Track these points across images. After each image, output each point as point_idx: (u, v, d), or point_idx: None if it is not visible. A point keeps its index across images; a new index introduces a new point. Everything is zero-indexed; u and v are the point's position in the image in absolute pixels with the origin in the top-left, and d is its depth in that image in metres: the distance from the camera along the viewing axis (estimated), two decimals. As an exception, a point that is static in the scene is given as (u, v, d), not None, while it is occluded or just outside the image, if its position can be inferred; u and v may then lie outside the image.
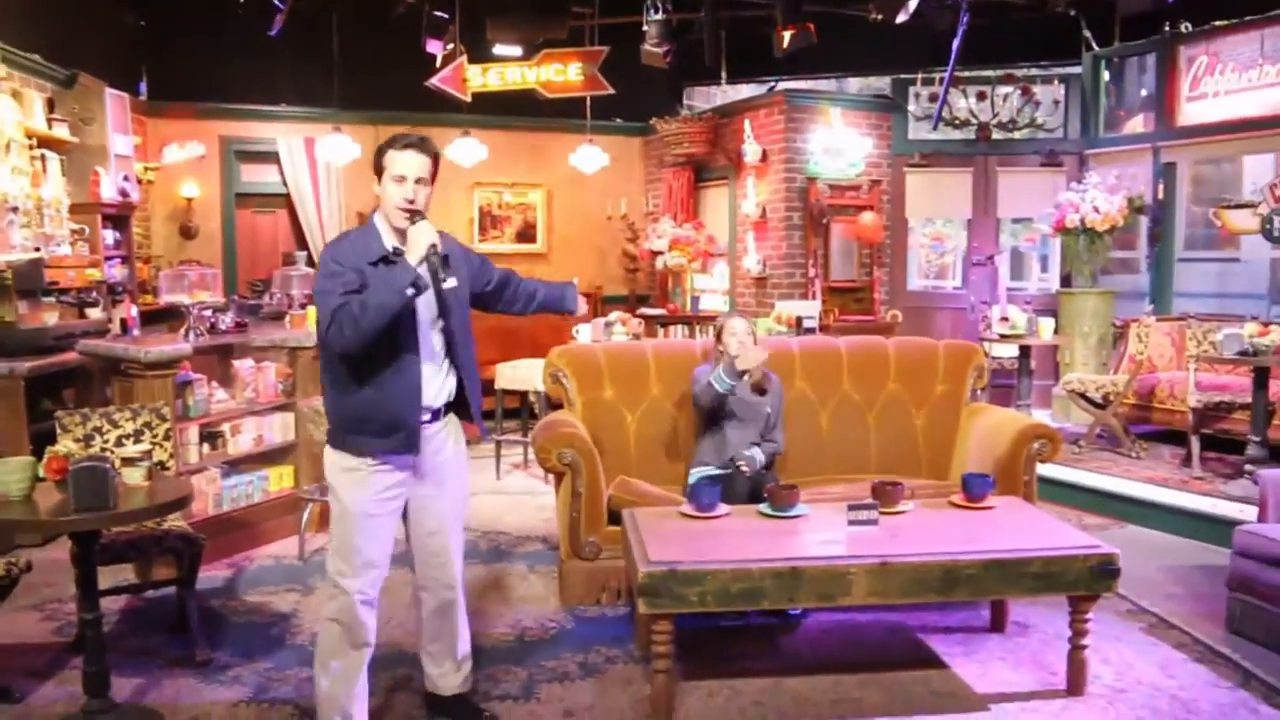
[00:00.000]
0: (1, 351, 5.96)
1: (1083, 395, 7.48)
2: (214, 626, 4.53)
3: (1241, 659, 4.05)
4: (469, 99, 8.74)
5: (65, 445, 3.60)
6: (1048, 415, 8.83)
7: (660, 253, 10.10)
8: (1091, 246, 8.30)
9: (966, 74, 9.04)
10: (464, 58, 8.38)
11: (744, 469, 4.57)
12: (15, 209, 6.48)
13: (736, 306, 9.87)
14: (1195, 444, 6.64)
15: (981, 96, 9.09)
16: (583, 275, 11.44)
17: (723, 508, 4.15)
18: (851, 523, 3.87)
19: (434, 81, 8.44)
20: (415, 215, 3.21)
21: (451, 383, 3.44)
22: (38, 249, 6.64)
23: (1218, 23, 8.08)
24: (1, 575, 3.74)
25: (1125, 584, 4.92)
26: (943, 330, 9.63)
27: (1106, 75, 8.98)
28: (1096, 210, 8.11)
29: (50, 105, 7.80)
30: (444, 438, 3.47)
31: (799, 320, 7.40)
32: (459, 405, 3.50)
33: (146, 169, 9.08)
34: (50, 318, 6.59)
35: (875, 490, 4.18)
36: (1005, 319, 7.67)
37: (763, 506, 4.14)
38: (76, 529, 3.39)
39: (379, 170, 3.25)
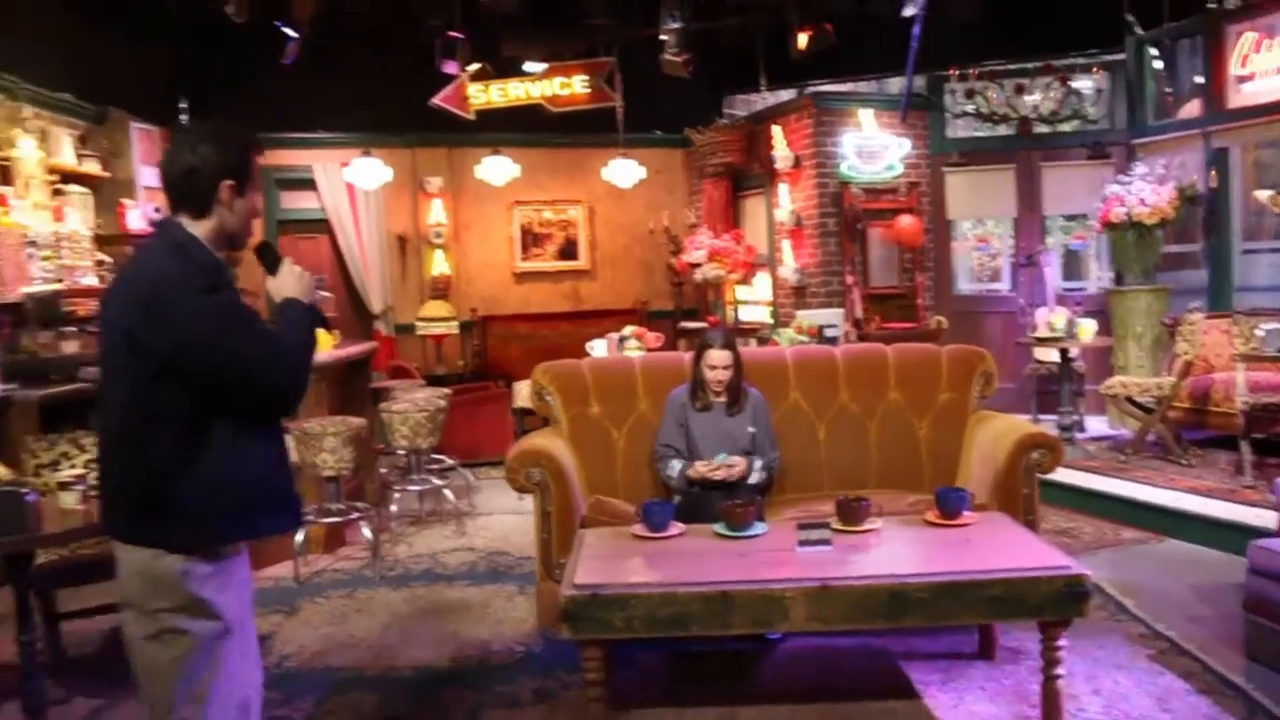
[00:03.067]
0: (20, 378, 6.09)
1: (1129, 399, 7.03)
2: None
3: (1253, 690, 3.67)
4: (473, 117, 8.65)
5: (-7, 473, 3.58)
6: (1103, 421, 8.37)
7: (698, 265, 9.90)
8: (1141, 241, 7.82)
9: (1002, 67, 8.65)
10: (466, 75, 8.28)
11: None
12: (34, 243, 6.62)
13: (779, 317, 9.60)
14: (1246, 449, 6.15)
15: (1020, 90, 8.68)
16: (628, 291, 11.41)
17: (676, 527, 3.93)
18: (802, 543, 3.61)
19: (436, 101, 8.38)
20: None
21: None
22: (59, 280, 6.76)
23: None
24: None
25: (1145, 604, 4.62)
26: (993, 334, 9.22)
27: (1152, 60, 8.47)
28: (1143, 203, 7.64)
29: (82, 141, 7.99)
30: None
31: (821, 330, 7.12)
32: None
33: (184, 199, 9.23)
34: (69, 346, 6.70)
35: (839, 507, 3.91)
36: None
37: (718, 526, 3.90)
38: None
39: (244, 174, 2.48)
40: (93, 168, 7.84)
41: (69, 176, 7.49)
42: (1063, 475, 6.29)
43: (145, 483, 2.36)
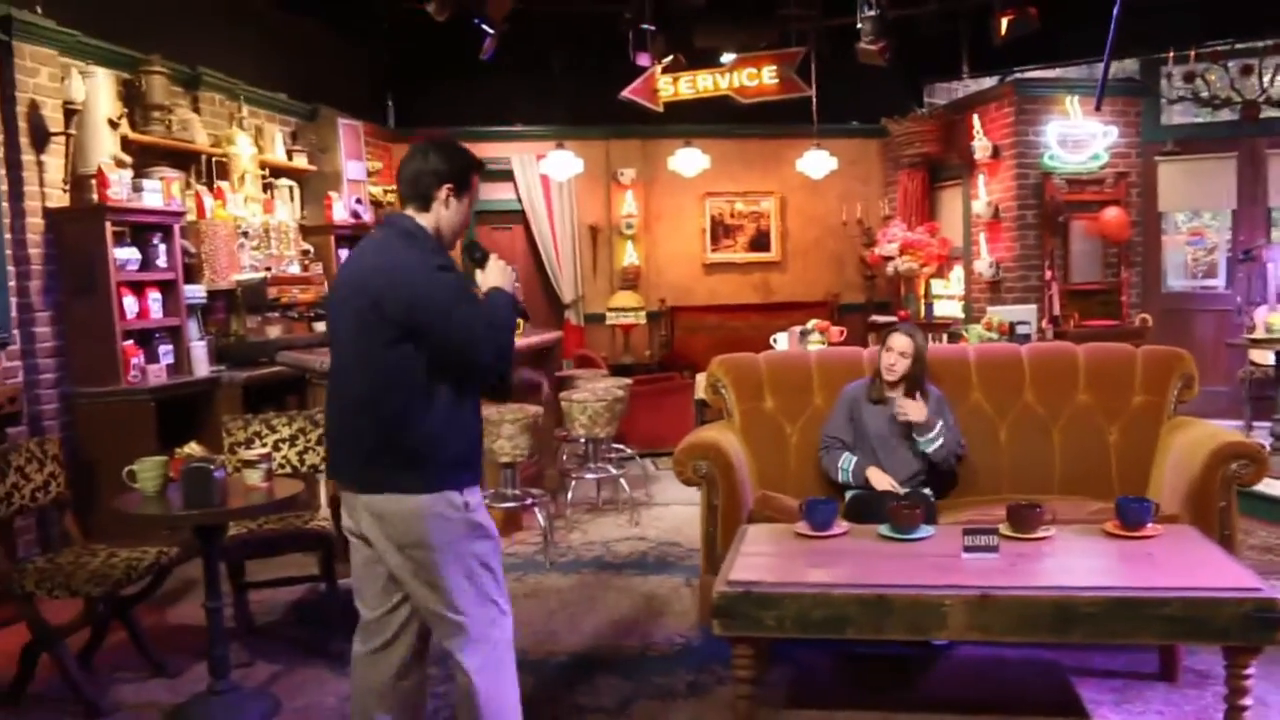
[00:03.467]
0: (228, 361, 6.60)
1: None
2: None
3: None
4: (661, 109, 8.71)
5: (191, 448, 3.87)
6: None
7: (891, 258, 9.69)
8: (1380, 236, 7.15)
9: (1226, 47, 8.04)
10: (656, 68, 8.35)
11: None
12: (246, 233, 7.12)
13: (971, 312, 9.28)
14: None
15: (1246, 71, 8.03)
16: (819, 283, 11.27)
17: (840, 526, 3.88)
18: (968, 549, 3.49)
19: (626, 94, 8.48)
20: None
21: None
22: (268, 269, 7.25)
23: None
24: (150, 563, 4.07)
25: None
26: (1204, 335, 8.63)
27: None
28: (1385, 194, 6.98)
29: (293, 137, 8.53)
30: None
31: (1012, 326, 6.83)
32: None
33: (386, 191, 9.70)
34: (274, 331, 7.18)
35: (1010, 512, 3.76)
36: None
37: (883, 528, 3.82)
38: (178, 525, 3.65)
39: (463, 184, 2.95)
40: (301, 162, 8.33)
41: (279, 170, 7.98)
42: (1274, 487, 5.84)
43: (388, 436, 2.82)
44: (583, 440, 6.88)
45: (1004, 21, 7.35)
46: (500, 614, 3.01)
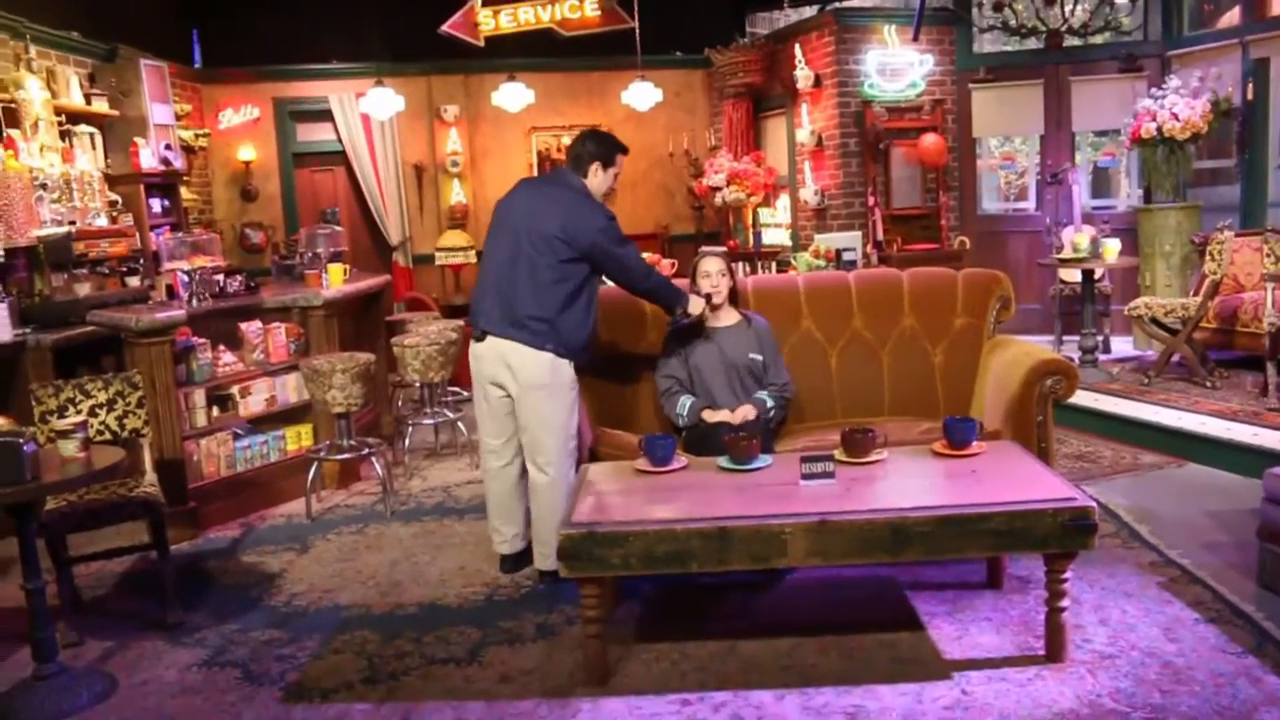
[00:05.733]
0: (34, 323, 6.10)
1: (1154, 320, 6.87)
2: (201, 588, 4.57)
3: (1263, 619, 3.60)
4: (482, 44, 8.48)
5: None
6: (1128, 342, 8.22)
7: (719, 189, 9.74)
8: (1171, 157, 7.60)
9: (1032, -23, 8.35)
10: (476, 0, 8.10)
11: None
12: (44, 185, 6.59)
13: (799, 240, 9.46)
14: (1272, 371, 6.02)
15: (1050, 1, 8.37)
16: (649, 215, 11.26)
17: (679, 461, 3.90)
18: (805, 476, 3.56)
19: (446, 29, 8.22)
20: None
21: None
22: (72, 223, 6.74)
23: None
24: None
25: (1160, 531, 4.55)
26: (1018, 255, 9.06)
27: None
28: (1175, 117, 7.40)
29: (91, 80, 7.92)
30: None
31: (838, 254, 6.98)
32: None
33: (197, 136, 9.17)
34: (83, 289, 6.70)
35: (845, 438, 3.85)
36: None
37: (721, 460, 3.85)
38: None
39: (609, 162, 4.27)
40: (102, 106, 7.77)
41: (77, 116, 7.41)
42: (1083, 399, 6.20)
43: (549, 319, 4.09)
44: (418, 385, 6.73)
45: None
46: None
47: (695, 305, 4.44)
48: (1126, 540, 4.48)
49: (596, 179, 4.24)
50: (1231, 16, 8.04)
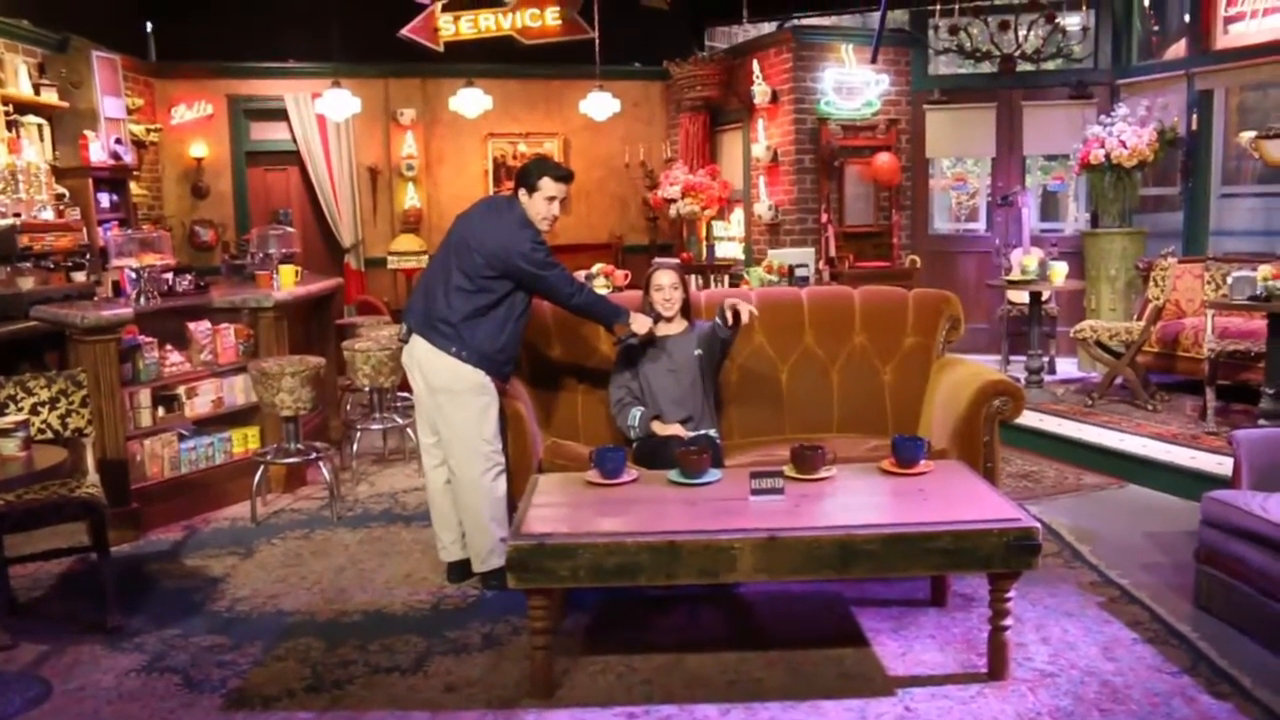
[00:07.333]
0: (-30, 317, 5.97)
1: (1098, 343, 7.00)
2: (141, 591, 4.49)
3: (1198, 639, 3.68)
4: (441, 49, 8.46)
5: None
6: (1073, 364, 8.37)
7: (673, 200, 9.79)
8: (1118, 183, 7.76)
9: (987, 3, 8.47)
10: (437, 5, 8.08)
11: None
12: (-14, 176, 6.46)
13: (753, 255, 9.52)
14: (1210, 396, 6.16)
15: (1004, 26, 8.49)
16: (604, 225, 11.28)
17: (630, 473, 3.90)
18: (755, 492, 3.58)
19: (405, 32, 8.18)
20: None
21: None
22: (17, 215, 6.61)
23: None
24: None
25: (1100, 551, 4.63)
26: (968, 275, 9.18)
27: (1138, -3, 8.32)
28: (1123, 144, 7.55)
29: (40, 70, 7.78)
30: None
31: (791, 269, 7.02)
32: None
33: (148, 130, 9.03)
34: (26, 283, 6.56)
35: (794, 454, 3.88)
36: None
37: (672, 473, 3.87)
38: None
39: (532, 187, 4.30)
40: (51, 97, 7.63)
41: (24, 106, 7.28)
42: (1028, 419, 6.30)
43: (454, 323, 4.20)
44: (367, 390, 6.67)
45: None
46: None
47: (639, 324, 4.46)
48: (1068, 560, 4.55)
49: (528, 202, 4.33)
50: (1178, 49, 8.23)
